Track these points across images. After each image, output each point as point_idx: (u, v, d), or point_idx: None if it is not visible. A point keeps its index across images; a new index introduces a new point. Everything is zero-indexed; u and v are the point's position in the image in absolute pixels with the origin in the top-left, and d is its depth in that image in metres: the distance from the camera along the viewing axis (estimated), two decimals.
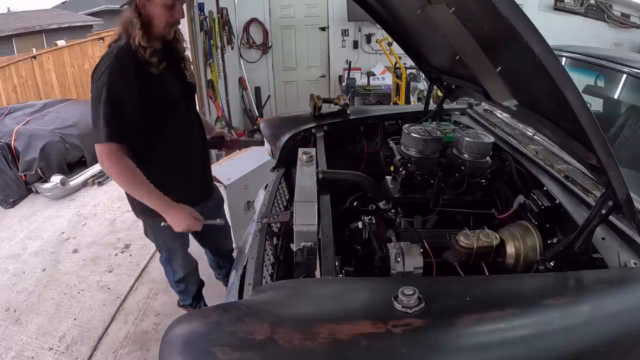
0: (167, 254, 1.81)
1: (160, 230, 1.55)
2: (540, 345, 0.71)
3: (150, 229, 1.70)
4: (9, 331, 2.30)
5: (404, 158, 1.45)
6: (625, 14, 5.32)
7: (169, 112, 1.50)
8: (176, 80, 1.53)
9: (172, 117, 1.52)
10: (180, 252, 1.80)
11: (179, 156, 1.59)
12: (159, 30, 1.39)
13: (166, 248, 1.78)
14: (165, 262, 1.86)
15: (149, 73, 1.38)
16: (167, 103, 1.49)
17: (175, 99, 1.53)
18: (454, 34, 1.25)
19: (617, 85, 1.77)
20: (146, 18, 1.35)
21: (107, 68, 1.31)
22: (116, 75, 1.31)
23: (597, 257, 1.02)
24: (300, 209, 1.09)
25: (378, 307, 0.77)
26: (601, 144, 0.85)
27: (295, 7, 5.38)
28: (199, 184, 1.74)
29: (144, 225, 1.73)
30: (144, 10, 1.35)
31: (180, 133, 1.57)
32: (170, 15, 1.38)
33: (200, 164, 1.73)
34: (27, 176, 4.01)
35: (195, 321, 0.78)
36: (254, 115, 5.43)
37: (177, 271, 1.86)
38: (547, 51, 0.77)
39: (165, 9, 1.36)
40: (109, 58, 1.33)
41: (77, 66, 6.22)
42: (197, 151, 1.69)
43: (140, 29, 1.33)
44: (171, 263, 1.84)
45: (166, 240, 1.73)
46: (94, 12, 15.56)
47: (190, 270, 1.89)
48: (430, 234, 1.36)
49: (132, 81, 1.34)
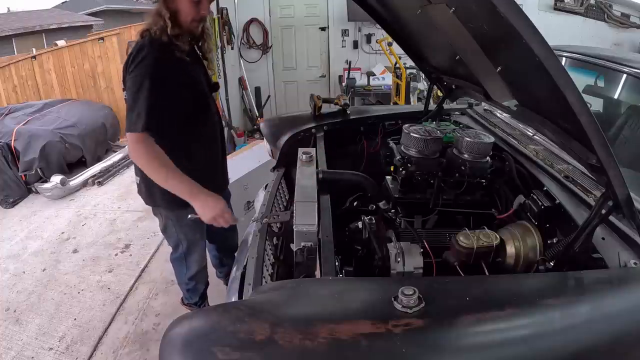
0: (186, 248, 1.79)
1: (183, 222, 1.57)
2: (540, 345, 0.71)
3: (173, 222, 1.69)
4: (9, 331, 2.30)
5: (404, 158, 1.45)
6: (625, 14, 5.32)
7: (201, 104, 1.55)
8: (203, 77, 1.59)
9: (202, 109, 1.57)
10: (199, 246, 1.80)
11: (205, 149, 1.63)
12: (185, 25, 1.42)
13: (187, 241, 1.76)
14: (180, 258, 1.84)
15: (184, 63, 1.43)
16: (200, 95, 1.54)
17: (205, 92, 1.58)
18: (454, 34, 1.25)
19: (617, 85, 1.76)
20: (173, 11, 1.38)
21: (147, 57, 1.32)
22: (156, 63, 1.33)
23: (597, 257, 1.02)
24: (300, 209, 1.09)
25: (378, 307, 0.77)
26: (601, 144, 0.85)
27: (295, 7, 5.39)
28: (220, 178, 1.79)
29: (164, 220, 1.72)
30: (172, 3, 1.38)
31: (209, 126, 1.62)
32: (196, 10, 1.41)
33: (222, 157, 1.78)
34: (27, 176, 4.01)
35: (196, 321, 0.78)
36: (254, 115, 5.44)
37: (191, 267, 1.85)
38: (547, 51, 0.77)
39: (191, 4, 1.39)
40: (147, 48, 1.34)
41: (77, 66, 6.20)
42: (220, 145, 1.73)
43: (169, 19, 1.36)
44: (187, 258, 1.82)
45: (188, 232, 1.73)
46: (94, 12, 15.55)
47: (202, 267, 1.90)
48: (430, 234, 1.36)
49: (171, 70, 1.38)
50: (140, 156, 1.36)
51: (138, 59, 1.33)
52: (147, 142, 1.34)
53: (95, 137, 4.81)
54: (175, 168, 1.40)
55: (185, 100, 1.46)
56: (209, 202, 1.43)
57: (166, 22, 1.36)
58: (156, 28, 1.38)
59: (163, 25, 1.36)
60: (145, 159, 1.37)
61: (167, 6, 1.37)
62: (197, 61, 1.57)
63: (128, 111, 1.34)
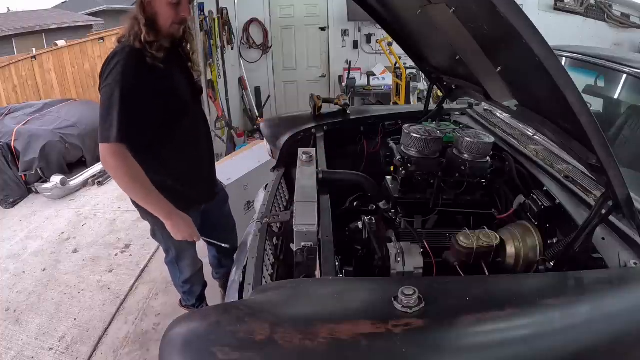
0: (175, 253, 1.78)
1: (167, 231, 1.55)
2: (540, 345, 0.71)
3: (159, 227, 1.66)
4: (9, 331, 2.30)
5: (404, 158, 1.45)
6: (625, 14, 5.32)
7: (178, 110, 1.49)
8: (185, 80, 1.53)
9: (181, 116, 1.51)
10: (188, 252, 1.79)
11: (188, 156, 1.58)
12: (165, 28, 1.37)
13: (175, 247, 1.75)
14: (172, 262, 1.83)
15: (158, 70, 1.36)
16: (177, 102, 1.48)
17: (185, 98, 1.52)
18: (454, 34, 1.25)
19: (617, 85, 1.76)
20: (151, 15, 1.33)
21: (118, 65, 1.27)
22: (128, 72, 1.28)
23: (597, 257, 1.02)
24: (300, 209, 1.09)
25: (378, 307, 0.77)
26: (601, 144, 0.85)
27: (295, 7, 5.38)
28: (206, 184, 1.75)
29: (152, 227, 1.70)
30: (149, 7, 1.33)
31: (189, 132, 1.56)
32: (176, 13, 1.36)
33: (207, 164, 1.73)
34: (27, 176, 4.01)
35: (195, 321, 0.78)
36: (254, 115, 5.44)
37: (184, 271, 1.84)
38: (547, 51, 0.77)
39: (170, 6, 1.34)
40: (119, 55, 1.29)
41: (77, 66, 6.21)
42: (204, 151, 1.68)
43: (145, 25, 1.31)
44: (179, 263, 1.81)
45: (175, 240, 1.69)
46: (94, 12, 15.55)
47: (196, 270, 1.89)
48: (430, 234, 1.36)
49: (144, 78, 1.32)
50: (112, 169, 1.31)
51: (110, 67, 1.28)
52: (120, 155, 1.28)
53: (95, 137, 4.75)
54: (150, 184, 1.36)
55: (159, 108, 1.39)
56: (180, 225, 1.46)
57: (140, 29, 1.31)
58: (131, 33, 1.32)
59: (139, 32, 1.31)
60: (121, 172, 1.31)
61: (143, 10, 1.32)
62: (178, 65, 1.51)
63: (100, 121, 1.29)
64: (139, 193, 1.39)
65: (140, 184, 1.35)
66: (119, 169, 1.31)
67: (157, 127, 1.42)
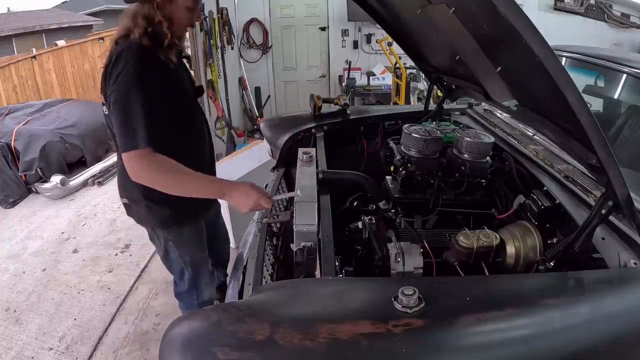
0: (192, 273, 1.59)
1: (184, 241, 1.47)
2: (540, 345, 0.71)
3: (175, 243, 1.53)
4: (9, 331, 2.30)
5: (404, 158, 1.46)
6: (625, 14, 5.32)
7: (188, 111, 1.43)
8: (188, 80, 1.50)
9: (189, 117, 1.44)
10: (205, 266, 1.66)
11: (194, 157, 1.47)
12: (178, 32, 1.32)
13: (192, 264, 1.58)
14: (190, 286, 1.63)
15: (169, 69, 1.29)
16: (188, 102, 1.42)
17: (191, 98, 1.48)
18: (454, 34, 1.25)
19: (617, 85, 1.76)
20: (165, 17, 1.26)
21: (129, 65, 1.16)
22: (142, 70, 1.17)
23: (597, 257, 1.02)
24: (300, 209, 1.09)
25: (378, 307, 0.77)
26: (601, 144, 0.85)
27: (295, 7, 5.38)
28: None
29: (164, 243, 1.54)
30: (163, 10, 1.25)
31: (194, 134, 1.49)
32: (191, 17, 1.33)
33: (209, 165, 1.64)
34: (27, 176, 4.01)
35: (196, 321, 0.78)
36: (254, 115, 5.43)
37: (204, 290, 1.66)
38: (547, 51, 0.77)
39: (188, 11, 1.30)
40: (127, 54, 1.17)
41: (77, 66, 6.22)
42: (207, 152, 1.61)
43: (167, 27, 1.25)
44: (197, 283, 1.63)
45: (194, 251, 1.57)
46: (94, 12, 15.57)
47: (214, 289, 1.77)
48: (430, 234, 1.36)
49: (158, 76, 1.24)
50: (149, 173, 1.19)
51: (119, 67, 1.16)
52: (149, 157, 1.17)
53: (95, 137, 4.81)
54: (191, 170, 1.23)
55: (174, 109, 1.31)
56: (243, 190, 1.27)
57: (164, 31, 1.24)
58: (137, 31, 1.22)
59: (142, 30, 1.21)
60: (156, 172, 1.19)
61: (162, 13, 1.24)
62: (181, 65, 1.46)
63: (120, 128, 1.15)
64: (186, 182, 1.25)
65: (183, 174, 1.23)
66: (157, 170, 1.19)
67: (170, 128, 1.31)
